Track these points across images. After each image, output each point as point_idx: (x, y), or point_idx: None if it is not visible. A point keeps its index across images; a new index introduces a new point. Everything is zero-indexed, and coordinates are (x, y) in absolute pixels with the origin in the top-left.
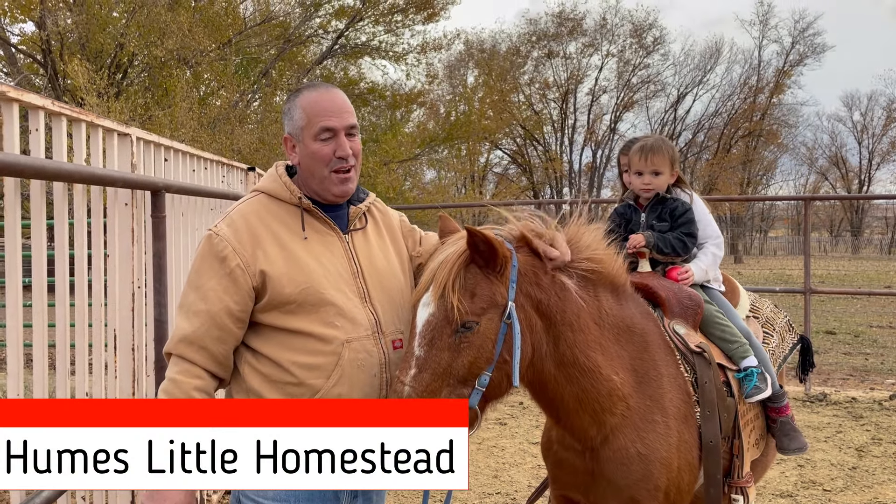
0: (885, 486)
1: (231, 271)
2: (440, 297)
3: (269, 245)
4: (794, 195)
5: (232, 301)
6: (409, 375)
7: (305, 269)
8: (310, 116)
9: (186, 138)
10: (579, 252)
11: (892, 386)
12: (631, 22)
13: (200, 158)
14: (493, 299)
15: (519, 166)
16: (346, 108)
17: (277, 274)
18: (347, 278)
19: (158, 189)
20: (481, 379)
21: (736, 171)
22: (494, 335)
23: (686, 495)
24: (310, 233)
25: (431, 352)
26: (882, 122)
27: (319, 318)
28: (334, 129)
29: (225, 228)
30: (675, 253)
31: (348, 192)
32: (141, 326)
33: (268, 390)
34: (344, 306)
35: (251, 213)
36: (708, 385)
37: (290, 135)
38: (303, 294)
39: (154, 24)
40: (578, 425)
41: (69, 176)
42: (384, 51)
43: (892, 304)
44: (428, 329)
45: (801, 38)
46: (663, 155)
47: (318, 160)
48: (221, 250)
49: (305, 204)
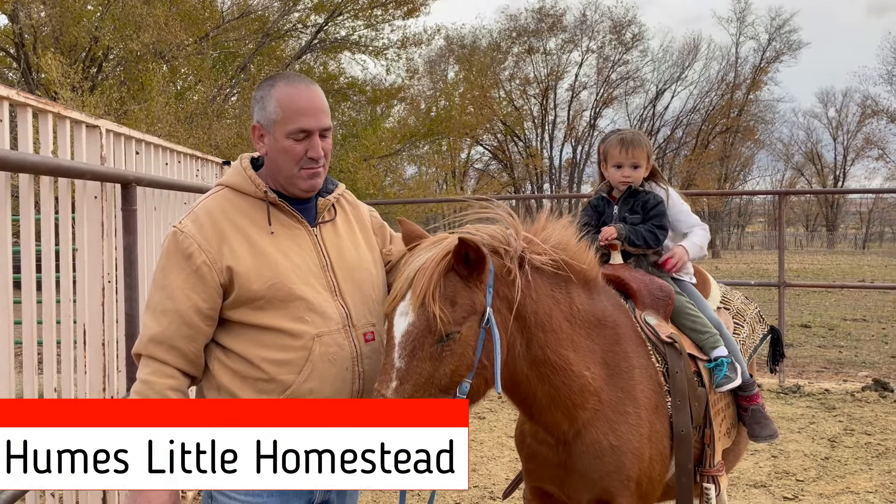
0: (857, 475)
1: (197, 268)
2: (420, 306)
3: (235, 241)
4: (770, 189)
5: (200, 299)
6: (390, 388)
7: (273, 265)
8: (285, 113)
9: (163, 133)
10: (550, 250)
11: (864, 378)
12: (610, 18)
13: (173, 152)
14: (473, 307)
15: (500, 162)
16: (323, 109)
17: (244, 270)
18: (316, 272)
19: (129, 182)
20: (462, 386)
21: (714, 168)
22: (475, 342)
23: (658, 485)
24: (276, 227)
25: (413, 362)
26: (856, 119)
27: (289, 314)
28: (310, 130)
29: (189, 225)
30: (647, 245)
31: (316, 187)
32: (111, 321)
33: (239, 387)
34: (313, 300)
35: (216, 209)
36: (679, 375)
37: (261, 125)
38: (271, 290)
39: (129, 18)
40: (551, 421)
41: (34, 167)
42: (364, 45)
43: (866, 298)
44: (408, 339)
45: (778, 35)
46: (642, 148)
47: (289, 157)
48: (187, 247)
49: (271, 198)
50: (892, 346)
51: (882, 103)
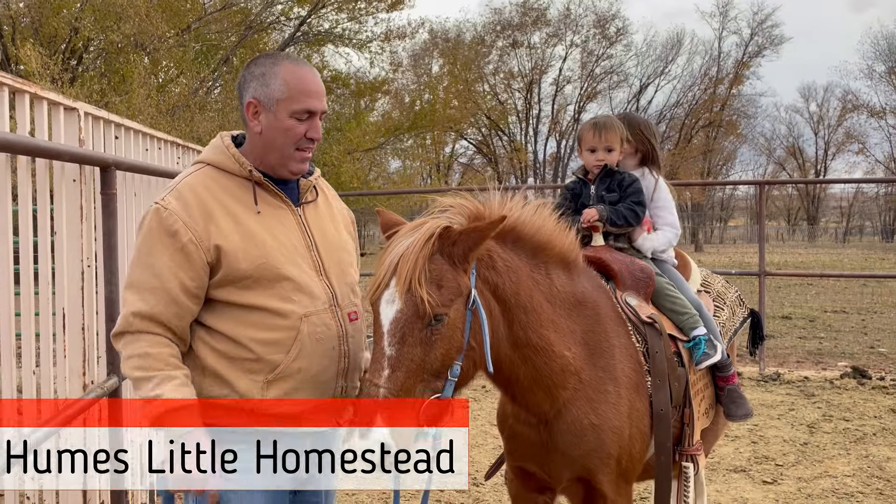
0: (835, 460)
1: (183, 246)
2: (407, 292)
3: (221, 219)
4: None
5: (187, 277)
6: (382, 377)
7: (260, 244)
8: (292, 92)
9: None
10: (529, 231)
11: (844, 367)
12: (594, 12)
13: (154, 138)
14: (459, 288)
15: (484, 156)
16: (323, 92)
17: (233, 249)
18: (302, 252)
19: (108, 165)
20: (453, 369)
21: (697, 162)
22: (462, 324)
23: (637, 463)
24: (262, 206)
25: (403, 349)
26: (837, 113)
27: (276, 293)
28: (315, 111)
29: (173, 201)
30: (628, 223)
31: (304, 170)
32: (91, 306)
33: (225, 368)
34: (300, 280)
35: (199, 186)
36: (659, 355)
37: (259, 101)
38: (259, 269)
39: (110, 9)
40: (533, 401)
41: (10, 146)
42: (347, 38)
43: (846, 290)
44: (397, 326)
45: (760, 29)
46: (615, 131)
47: (289, 137)
48: (171, 224)
49: (256, 177)
50: (872, 336)
51: (862, 98)
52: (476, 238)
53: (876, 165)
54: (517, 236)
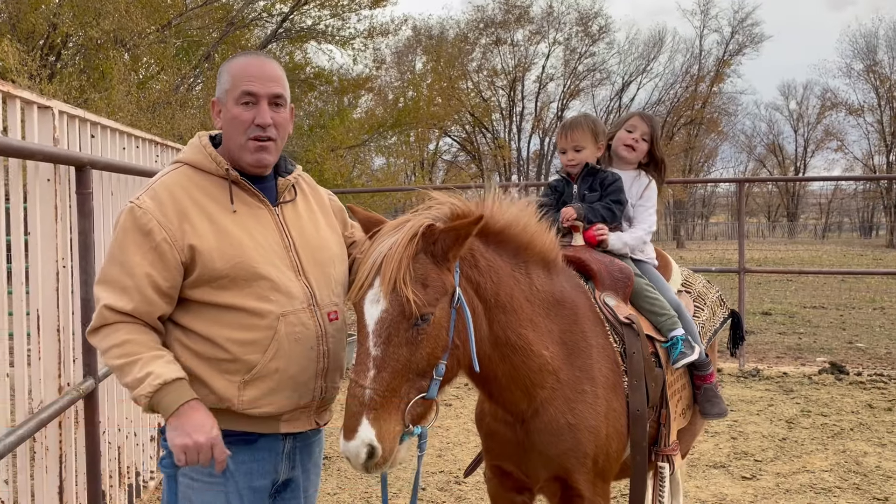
0: (813, 455)
1: (157, 245)
2: (392, 292)
3: (196, 218)
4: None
5: (160, 277)
6: (368, 377)
7: (236, 243)
8: (234, 80)
9: (125, 122)
10: (511, 231)
11: (822, 363)
12: (577, 10)
13: (132, 136)
14: (444, 287)
15: (468, 153)
16: (273, 77)
17: (207, 248)
18: (280, 252)
19: (83, 164)
20: (438, 368)
21: (679, 159)
22: (447, 322)
23: (614, 462)
24: (239, 206)
25: (389, 349)
26: (817, 111)
27: (253, 293)
28: (256, 94)
29: (148, 201)
30: (604, 221)
31: (263, 161)
32: (67, 306)
33: (201, 368)
34: (278, 280)
35: (175, 185)
36: (636, 356)
37: (218, 99)
38: (235, 269)
39: (89, 4)
40: (510, 400)
41: None
42: (330, 35)
43: (825, 286)
44: (383, 326)
45: (741, 28)
46: (583, 130)
47: (237, 125)
48: (146, 223)
49: (233, 176)
50: (850, 332)
51: (841, 96)
52: (459, 236)
53: (854, 162)
54: (500, 235)
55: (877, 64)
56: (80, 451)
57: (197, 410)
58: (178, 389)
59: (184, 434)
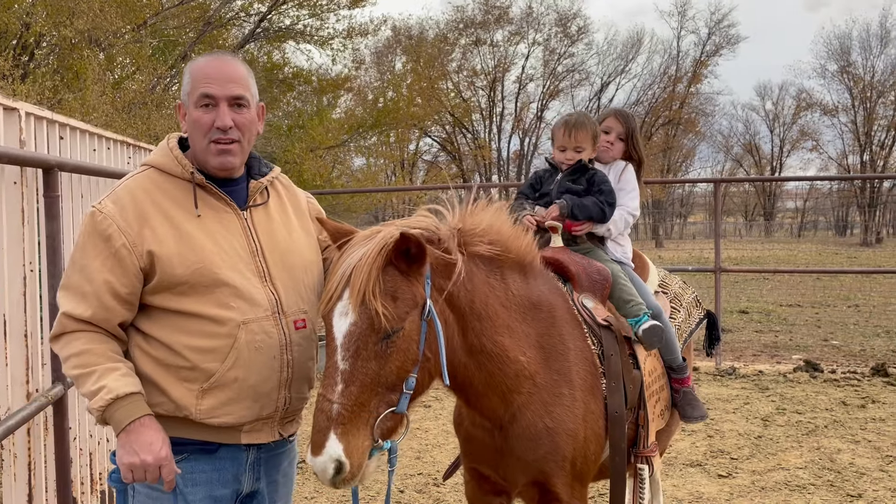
0: (788, 452)
1: (116, 251)
2: (361, 304)
3: (157, 223)
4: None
5: (119, 283)
6: (336, 392)
7: (198, 249)
8: (194, 83)
9: (100, 123)
10: (482, 236)
11: (797, 360)
12: (556, 11)
13: (102, 137)
14: (414, 300)
15: (448, 154)
16: (233, 78)
17: (167, 254)
18: (245, 257)
19: (51, 167)
20: (408, 382)
21: (657, 159)
22: (417, 335)
23: (592, 465)
24: (204, 210)
25: (357, 363)
26: (792, 111)
27: (214, 299)
28: (214, 96)
29: (110, 206)
30: (590, 219)
31: (227, 164)
32: (35, 312)
33: (161, 375)
34: (240, 286)
35: (139, 189)
36: (614, 358)
37: (182, 102)
38: (195, 275)
39: (62, 4)
40: (488, 406)
41: None
42: (309, 35)
43: (801, 284)
44: (351, 340)
45: (717, 29)
46: (587, 132)
47: (198, 128)
48: (105, 229)
49: (198, 179)
50: (825, 329)
51: (816, 96)
52: (425, 252)
53: (829, 162)
54: (473, 243)
55: (850, 65)
56: (51, 457)
57: (148, 428)
58: (130, 405)
59: (131, 452)
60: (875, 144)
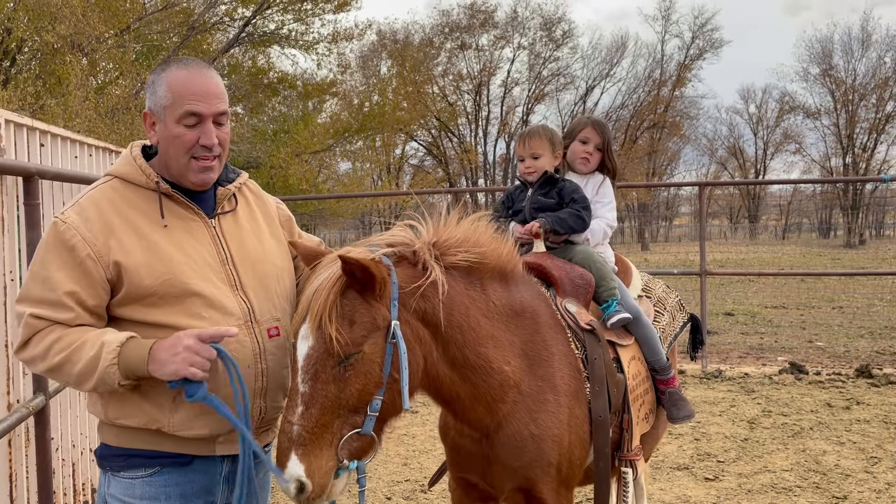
0: (774, 454)
1: (81, 262)
2: (317, 329)
3: (123, 234)
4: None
5: (86, 294)
6: (296, 414)
7: (166, 259)
8: (175, 97)
9: (83, 129)
10: (458, 247)
11: (783, 362)
12: (541, 15)
13: (84, 144)
14: (375, 323)
15: (434, 158)
16: (217, 93)
17: (134, 265)
18: (215, 266)
19: (31, 175)
20: (373, 404)
21: (642, 162)
22: (381, 358)
23: (578, 470)
24: (171, 219)
25: (316, 386)
26: (775, 114)
27: (184, 310)
28: (201, 114)
29: (73, 216)
30: (572, 231)
31: (208, 182)
32: (14, 321)
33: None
34: (212, 296)
35: (103, 199)
36: (597, 362)
37: (152, 111)
38: (164, 285)
39: (44, 8)
40: (474, 417)
41: None
42: (294, 39)
43: (786, 286)
44: (310, 363)
45: (700, 33)
46: (540, 138)
47: (179, 145)
48: (69, 239)
49: (164, 188)
50: (810, 331)
51: (798, 99)
52: (374, 275)
53: (812, 165)
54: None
55: (832, 68)
56: (32, 468)
57: (162, 341)
58: (138, 341)
59: (170, 362)
60: (857, 147)
